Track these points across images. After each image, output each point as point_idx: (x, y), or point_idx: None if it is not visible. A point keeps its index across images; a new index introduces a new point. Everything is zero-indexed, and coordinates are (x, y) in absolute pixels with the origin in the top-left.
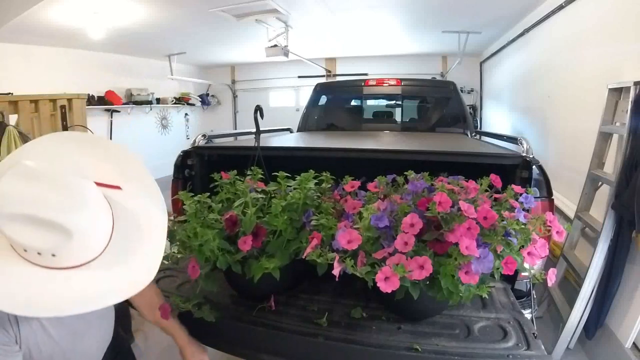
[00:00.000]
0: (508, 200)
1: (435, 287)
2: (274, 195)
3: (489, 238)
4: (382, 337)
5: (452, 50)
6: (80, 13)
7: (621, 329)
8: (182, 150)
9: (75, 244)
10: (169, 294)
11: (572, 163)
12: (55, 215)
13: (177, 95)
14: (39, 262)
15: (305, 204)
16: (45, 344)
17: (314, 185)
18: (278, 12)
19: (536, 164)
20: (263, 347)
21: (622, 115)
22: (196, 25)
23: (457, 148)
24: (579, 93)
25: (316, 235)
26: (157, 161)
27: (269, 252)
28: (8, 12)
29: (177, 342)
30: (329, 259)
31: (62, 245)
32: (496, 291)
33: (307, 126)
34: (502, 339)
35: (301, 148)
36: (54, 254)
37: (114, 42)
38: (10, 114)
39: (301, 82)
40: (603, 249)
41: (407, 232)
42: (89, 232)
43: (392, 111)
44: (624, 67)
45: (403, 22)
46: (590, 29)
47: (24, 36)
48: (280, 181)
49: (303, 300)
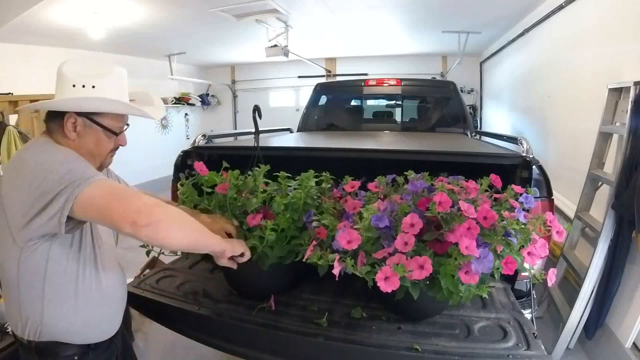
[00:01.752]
0: (508, 200)
1: (435, 287)
2: (274, 195)
3: (489, 238)
4: (382, 337)
5: (452, 50)
6: (80, 13)
7: (621, 329)
8: (182, 150)
9: (109, 80)
10: (169, 293)
11: (572, 163)
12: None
13: (177, 95)
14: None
15: (306, 204)
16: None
17: (315, 185)
18: (278, 12)
19: (536, 164)
20: (263, 347)
21: (622, 115)
22: (196, 25)
23: (457, 148)
24: (579, 93)
25: (321, 231)
26: (157, 161)
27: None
28: (8, 12)
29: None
30: (329, 260)
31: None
32: (496, 291)
33: (307, 126)
34: (502, 339)
35: (301, 148)
36: (94, 86)
37: (114, 42)
38: (10, 114)
39: (301, 82)
40: (603, 249)
41: (407, 232)
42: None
43: (392, 111)
44: (624, 67)
45: (403, 22)
46: (590, 29)
47: (24, 36)
48: (281, 181)
49: (303, 300)
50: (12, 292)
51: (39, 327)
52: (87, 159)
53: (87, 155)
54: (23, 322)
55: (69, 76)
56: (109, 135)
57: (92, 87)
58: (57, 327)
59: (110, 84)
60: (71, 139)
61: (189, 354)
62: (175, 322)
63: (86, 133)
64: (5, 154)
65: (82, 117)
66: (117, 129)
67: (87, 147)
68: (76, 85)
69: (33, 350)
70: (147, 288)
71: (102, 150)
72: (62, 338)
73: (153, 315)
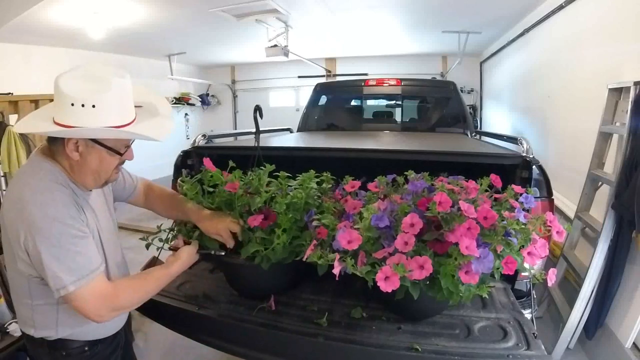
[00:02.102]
0: (508, 200)
1: (435, 287)
2: (275, 195)
3: (489, 238)
4: (382, 337)
5: (452, 50)
6: (80, 13)
7: (621, 329)
8: (182, 150)
9: (110, 95)
10: (169, 293)
11: (572, 163)
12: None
13: (177, 95)
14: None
15: (307, 204)
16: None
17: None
18: (278, 12)
19: (536, 164)
20: (263, 347)
21: (622, 115)
22: (196, 25)
23: (457, 148)
24: (579, 93)
25: (322, 231)
26: (157, 161)
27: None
28: (8, 12)
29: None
30: (329, 259)
31: (100, 92)
32: (496, 291)
33: (307, 126)
34: (502, 339)
35: (301, 148)
36: (94, 105)
37: (114, 42)
38: (10, 114)
39: (301, 82)
40: (603, 249)
41: (407, 232)
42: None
43: (392, 111)
44: (624, 67)
45: (403, 22)
46: (590, 29)
47: (24, 36)
48: (282, 181)
49: (303, 300)
50: (24, 300)
51: (52, 331)
52: (92, 177)
53: (89, 172)
54: (37, 327)
55: (67, 93)
56: (113, 154)
57: (92, 107)
58: (71, 330)
59: (112, 100)
60: (74, 159)
61: (189, 354)
62: (175, 322)
63: (89, 153)
64: (5, 154)
65: (84, 139)
66: (122, 148)
67: (90, 166)
68: (75, 104)
69: (45, 345)
70: None
71: (106, 168)
72: (74, 337)
73: (153, 315)
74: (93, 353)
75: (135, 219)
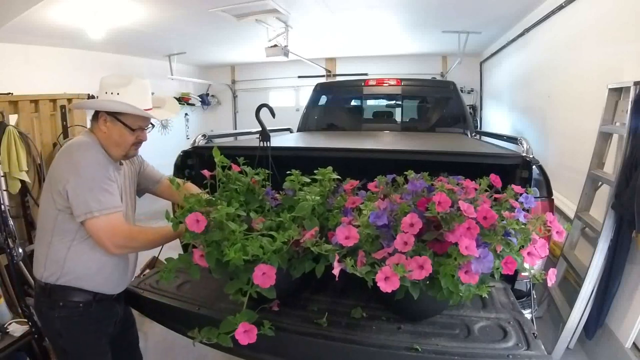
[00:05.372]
0: (508, 200)
1: (435, 287)
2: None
3: (489, 238)
4: (382, 337)
5: (452, 50)
6: (80, 13)
7: (621, 329)
8: (182, 150)
9: (130, 87)
10: (169, 293)
11: (572, 163)
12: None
13: (177, 95)
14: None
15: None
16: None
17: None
18: (278, 12)
19: (536, 164)
20: (263, 347)
21: (622, 115)
22: (196, 25)
23: (457, 148)
24: (579, 93)
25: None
26: (157, 161)
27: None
28: (8, 12)
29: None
30: (323, 249)
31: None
32: (496, 291)
33: (307, 126)
34: (502, 339)
35: (301, 148)
36: (118, 93)
37: (114, 42)
38: (10, 114)
39: (301, 82)
40: (603, 249)
41: (406, 231)
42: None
43: (392, 111)
44: (624, 67)
45: (403, 22)
46: (590, 29)
47: (24, 36)
48: (294, 181)
49: (303, 300)
50: (45, 238)
51: (59, 271)
52: (115, 147)
53: (114, 144)
54: (47, 267)
55: (103, 86)
56: (128, 130)
57: (117, 94)
58: (75, 273)
59: (131, 91)
60: (103, 131)
61: (189, 354)
62: (175, 322)
63: (113, 127)
64: (5, 154)
65: (110, 116)
66: (135, 126)
67: (113, 138)
68: (107, 92)
69: (47, 292)
70: (147, 288)
71: (124, 142)
72: (76, 284)
73: (153, 315)
74: (86, 311)
75: (136, 219)
